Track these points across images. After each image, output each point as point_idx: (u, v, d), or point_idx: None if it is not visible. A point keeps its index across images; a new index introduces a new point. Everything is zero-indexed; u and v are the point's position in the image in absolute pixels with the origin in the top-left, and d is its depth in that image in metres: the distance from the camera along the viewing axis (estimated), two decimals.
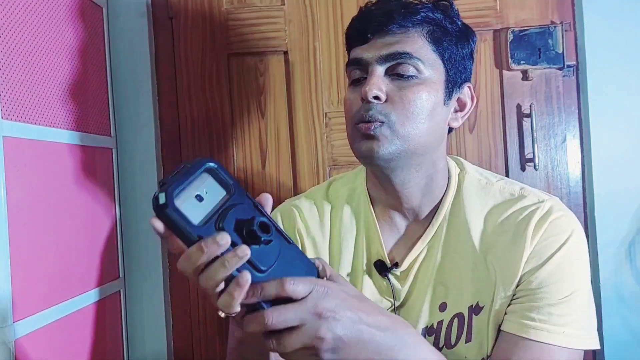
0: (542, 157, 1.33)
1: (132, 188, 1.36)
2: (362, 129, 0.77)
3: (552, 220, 0.77)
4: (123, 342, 1.33)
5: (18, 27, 0.98)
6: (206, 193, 0.54)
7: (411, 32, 0.78)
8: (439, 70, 0.78)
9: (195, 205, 0.53)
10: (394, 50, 0.77)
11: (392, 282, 0.82)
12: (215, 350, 1.39)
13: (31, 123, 1.01)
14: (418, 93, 0.76)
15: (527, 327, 0.73)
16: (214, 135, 1.38)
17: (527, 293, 0.76)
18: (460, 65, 0.81)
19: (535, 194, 0.81)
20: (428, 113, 0.76)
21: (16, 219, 0.93)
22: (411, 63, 0.76)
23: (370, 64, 0.78)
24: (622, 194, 1.28)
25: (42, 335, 0.99)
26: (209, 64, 1.38)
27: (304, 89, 1.36)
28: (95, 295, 1.20)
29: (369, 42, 0.79)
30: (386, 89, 0.76)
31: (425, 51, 0.77)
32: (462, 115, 0.83)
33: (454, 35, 0.80)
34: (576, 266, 0.76)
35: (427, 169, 0.81)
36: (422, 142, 0.77)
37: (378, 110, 0.76)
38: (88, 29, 1.24)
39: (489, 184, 0.84)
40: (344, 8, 1.36)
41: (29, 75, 1.01)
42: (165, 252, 1.39)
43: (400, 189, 0.81)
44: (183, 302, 1.40)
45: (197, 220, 0.52)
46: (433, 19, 0.79)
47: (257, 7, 1.37)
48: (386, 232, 0.85)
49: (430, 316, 0.80)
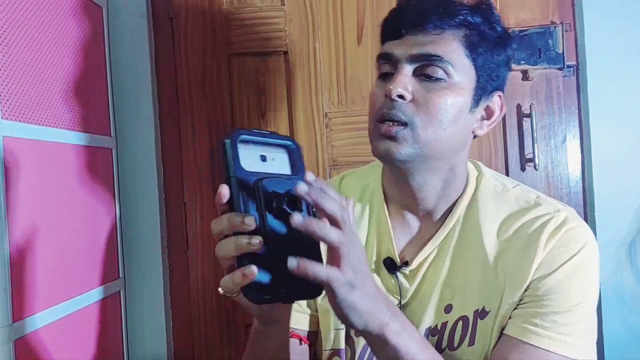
0: (542, 157, 1.33)
1: (132, 188, 1.36)
2: (382, 129, 0.76)
3: (567, 230, 0.76)
4: (123, 342, 1.33)
5: (18, 27, 0.98)
6: (272, 159, 0.57)
7: (446, 34, 0.75)
8: (469, 76, 0.76)
9: (255, 159, 0.56)
10: (425, 51, 0.75)
11: (400, 280, 0.82)
12: (215, 350, 1.39)
13: (31, 123, 1.00)
14: (444, 97, 0.74)
15: (529, 332, 0.73)
16: (214, 135, 1.38)
17: (533, 299, 0.75)
18: (493, 72, 0.78)
19: (551, 203, 0.80)
20: (452, 119, 0.75)
21: (16, 219, 0.93)
22: (441, 66, 0.74)
23: (400, 61, 0.76)
24: (622, 194, 1.28)
25: (42, 335, 0.99)
26: (209, 64, 1.38)
27: (304, 89, 1.36)
28: (95, 295, 1.20)
29: (401, 38, 0.77)
30: (412, 88, 0.75)
31: (457, 55, 0.75)
32: (489, 123, 0.81)
33: (491, 42, 0.78)
34: (586, 278, 0.75)
35: (445, 172, 0.80)
36: (441, 147, 0.76)
37: (402, 110, 0.74)
38: (88, 29, 1.24)
39: (505, 190, 0.83)
40: (344, 8, 1.36)
41: (29, 75, 1.01)
42: (166, 252, 1.39)
43: (416, 191, 0.80)
44: (183, 302, 1.40)
45: (246, 166, 0.54)
46: (471, 22, 0.76)
47: (257, 7, 1.37)
48: (397, 230, 0.84)
49: (435, 317, 0.80)
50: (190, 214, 1.39)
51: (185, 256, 1.40)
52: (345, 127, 1.36)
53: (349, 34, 1.36)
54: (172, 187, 1.40)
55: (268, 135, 0.57)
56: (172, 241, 1.40)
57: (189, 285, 1.39)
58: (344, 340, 0.83)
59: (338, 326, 0.83)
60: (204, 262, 1.39)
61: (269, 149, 0.57)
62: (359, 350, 0.82)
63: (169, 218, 1.39)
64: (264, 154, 0.56)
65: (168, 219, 1.39)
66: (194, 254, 1.39)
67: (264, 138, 0.57)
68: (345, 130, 1.36)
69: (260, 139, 0.56)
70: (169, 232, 1.40)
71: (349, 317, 0.57)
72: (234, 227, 0.51)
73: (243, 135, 0.55)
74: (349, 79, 1.36)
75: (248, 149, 0.55)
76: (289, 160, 0.58)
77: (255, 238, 0.51)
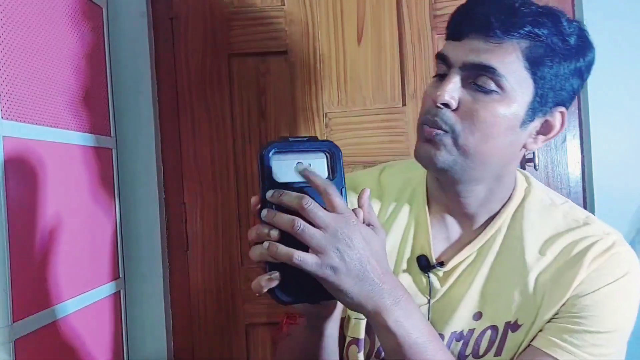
0: (542, 157, 1.33)
1: (132, 188, 1.36)
2: (425, 131, 0.74)
3: (613, 253, 0.74)
4: (123, 342, 1.33)
5: (18, 27, 0.98)
6: (309, 165, 0.60)
7: (506, 44, 0.70)
8: (525, 90, 0.72)
9: (290, 169, 0.60)
10: (479, 60, 0.70)
11: (431, 280, 0.80)
12: (215, 350, 1.39)
13: (31, 123, 1.00)
14: (491, 110, 0.71)
15: (556, 346, 0.72)
16: (214, 135, 1.38)
17: (568, 315, 0.74)
18: (557, 85, 0.73)
19: (600, 225, 0.78)
20: (497, 133, 0.71)
21: (16, 219, 0.93)
22: (494, 78, 0.70)
23: (453, 66, 0.73)
24: (622, 194, 1.28)
25: (42, 335, 0.99)
26: (209, 64, 1.38)
27: (304, 89, 1.36)
28: (95, 295, 1.20)
29: (460, 40, 0.73)
30: (460, 96, 0.72)
31: (514, 67, 0.70)
32: (544, 139, 0.77)
33: (559, 53, 0.72)
34: (625, 305, 0.74)
35: (490, 182, 0.77)
36: (484, 159, 0.73)
37: (444, 119, 0.72)
38: (88, 29, 1.24)
39: (552, 205, 0.81)
40: (344, 8, 1.36)
41: (29, 75, 1.01)
42: (166, 252, 1.39)
43: (459, 196, 0.79)
44: (183, 302, 1.40)
45: (281, 178, 0.59)
46: (537, 35, 0.70)
47: (257, 7, 1.38)
48: (435, 230, 0.82)
49: (462, 322, 0.79)
50: (190, 214, 1.39)
51: (185, 256, 1.40)
52: (345, 127, 1.36)
53: (349, 34, 1.36)
54: (172, 187, 1.40)
55: (304, 142, 0.60)
56: (172, 241, 1.40)
57: (189, 285, 1.39)
58: (363, 331, 0.82)
59: (358, 316, 0.81)
60: (204, 262, 1.39)
61: (306, 156, 0.60)
62: (378, 343, 0.82)
63: (169, 218, 1.39)
64: (300, 161, 0.60)
65: (168, 219, 1.39)
66: (194, 254, 1.39)
67: (299, 146, 0.60)
68: (345, 130, 1.36)
69: (295, 148, 0.60)
70: (169, 232, 1.40)
71: (337, 298, 0.61)
72: (261, 238, 0.58)
73: (276, 147, 0.59)
74: (349, 79, 1.36)
75: (283, 159, 0.59)
76: (327, 165, 0.61)
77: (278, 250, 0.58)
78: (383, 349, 0.66)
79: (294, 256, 0.57)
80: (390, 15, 1.35)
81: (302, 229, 0.57)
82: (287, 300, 0.60)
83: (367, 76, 1.35)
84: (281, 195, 0.58)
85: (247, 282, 1.38)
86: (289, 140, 0.60)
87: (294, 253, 0.57)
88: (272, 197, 0.58)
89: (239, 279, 1.38)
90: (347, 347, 0.84)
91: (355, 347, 0.83)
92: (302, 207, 0.57)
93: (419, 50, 1.34)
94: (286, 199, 0.58)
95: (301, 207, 0.57)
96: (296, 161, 0.60)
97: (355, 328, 0.83)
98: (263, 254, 0.58)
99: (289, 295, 0.60)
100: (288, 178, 0.59)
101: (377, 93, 1.35)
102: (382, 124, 1.35)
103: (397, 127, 1.35)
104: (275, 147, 0.59)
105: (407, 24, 1.35)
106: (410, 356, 0.62)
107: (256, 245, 0.59)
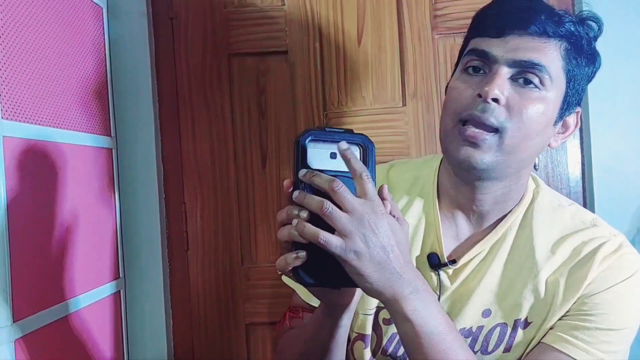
0: (542, 157, 1.33)
1: (132, 188, 1.36)
2: (467, 132, 0.72)
3: (622, 254, 0.76)
4: (123, 342, 1.33)
5: (18, 27, 0.98)
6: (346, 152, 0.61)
7: (551, 42, 0.72)
8: (560, 89, 0.74)
9: (325, 157, 0.61)
10: (529, 58, 0.71)
11: (441, 278, 0.81)
12: (215, 350, 1.39)
13: (31, 123, 1.00)
14: (537, 106, 0.72)
15: (567, 342, 0.73)
16: (214, 135, 1.38)
17: (578, 313, 0.75)
18: (580, 87, 0.76)
19: (607, 227, 0.81)
20: (539, 130, 0.73)
21: (16, 219, 0.93)
22: (540, 75, 0.72)
23: (498, 62, 0.73)
24: (622, 194, 1.28)
25: (42, 335, 0.99)
26: (209, 64, 1.38)
27: (304, 89, 1.36)
28: (95, 295, 1.20)
29: (502, 37, 0.73)
30: (507, 93, 0.72)
31: (555, 66, 0.73)
32: (562, 137, 0.80)
33: (586, 57, 0.76)
34: (633, 304, 0.76)
35: (510, 181, 0.78)
36: (522, 157, 0.75)
37: (495, 115, 0.71)
38: (88, 29, 1.24)
39: (560, 206, 0.83)
40: (344, 8, 1.36)
41: (29, 75, 1.01)
42: (165, 252, 1.39)
43: (476, 194, 0.79)
44: (183, 302, 1.40)
45: (314, 165, 0.61)
46: (575, 35, 0.73)
47: (257, 7, 1.38)
48: (444, 227, 0.83)
49: (471, 319, 0.80)
50: (190, 214, 1.39)
51: (185, 256, 1.40)
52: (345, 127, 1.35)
53: (349, 34, 1.36)
54: (172, 187, 1.40)
55: (340, 133, 0.62)
56: (172, 241, 1.40)
57: (189, 285, 1.39)
58: (370, 327, 0.83)
59: (366, 311, 0.83)
60: (204, 262, 1.39)
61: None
62: (385, 340, 0.82)
63: (169, 218, 1.39)
64: (334, 151, 0.61)
65: (168, 219, 1.39)
66: (194, 254, 1.39)
67: (335, 136, 0.62)
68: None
69: (331, 137, 0.61)
70: (169, 232, 1.40)
71: (357, 282, 0.61)
72: (290, 218, 0.60)
73: (312, 135, 0.61)
74: (349, 79, 1.36)
75: (318, 147, 0.61)
76: (360, 157, 0.63)
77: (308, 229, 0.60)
78: (400, 339, 0.66)
79: (319, 236, 0.58)
80: (390, 15, 1.35)
81: (330, 211, 0.58)
82: (310, 282, 0.61)
83: (367, 76, 1.35)
84: (313, 176, 0.60)
85: (247, 282, 1.38)
86: (325, 130, 0.62)
87: (319, 233, 0.58)
88: (305, 177, 0.60)
89: (239, 279, 1.38)
90: (353, 342, 0.85)
91: (362, 343, 0.84)
92: (333, 189, 0.59)
93: (419, 50, 1.34)
94: (317, 180, 0.60)
95: (332, 189, 0.59)
96: (330, 151, 0.61)
97: (362, 324, 0.83)
98: (292, 233, 0.59)
99: (311, 277, 0.61)
100: (322, 165, 0.61)
101: (377, 93, 1.35)
102: (382, 124, 1.35)
103: (397, 127, 1.35)
104: (312, 135, 0.61)
105: (407, 24, 1.35)
106: (427, 345, 0.63)
107: (285, 226, 0.61)
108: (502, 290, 0.79)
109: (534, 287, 0.78)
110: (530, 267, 0.79)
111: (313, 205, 0.59)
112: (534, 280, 0.78)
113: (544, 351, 0.75)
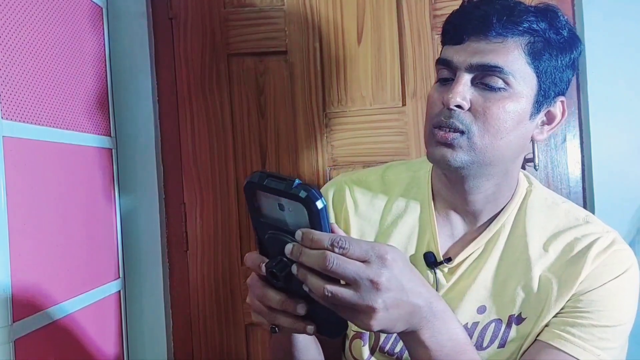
0: (542, 157, 1.33)
1: (132, 188, 1.36)
2: (438, 135, 0.75)
3: (615, 250, 0.77)
4: (123, 342, 1.33)
5: (18, 27, 0.98)
6: (290, 210, 0.55)
7: (509, 42, 0.73)
8: (530, 84, 0.75)
9: (274, 206, 0.56)
10: (485, 61, 0.73)
11: (437, 277, 0.82)
12: (215, 350, 1.39)
13: (31, 123, 1.01)
14: (503, 107, 0.73)
15: (564, 340, 0.74)
16: (214, 135, 1.38)
17: (574, 310, 0.76)
18: (556, 77, 0.76)
19: (600, 224, 0.81)
20: (510, 127, 0.74)
21: (16, 219, 0.93)
22: (501, 76, 0.73)
23: (459, 69, 0.75)
24: (622, 194, 1.28)
25: (42, 335, 0.99)
26: (209, 64, 1.38)
27: (304, 89, 1.36)
28: (95, 295, 1.20)
29: (462, 44, 0.75)
30: (471, 97, 0.74)
31: (519, 64, 0.73)
32: (549, 129, 0.80)
33: (556, 47, 0.75)
34: (628, 300, 0.76)
35: (499, 177, 0.79)
36: (498, 155, 0.75)
37: (459, 119, 0.74)
38: (88, 29, 1.24)
39: (554, 203, 0.84)
40: (344, 8, 1.36)
41: (29, 75, 1.01)
42: (165, 252, 1.39)
43: (467, 194, 0.80)
44: (183, 302, 1.40)
45: (264, 213, 0.57)
46: (536, 30, 0.74)
47: (257, 7, 1.38)
48: (439, 227, 0.84)
49: (466, 316, 0.80)
50: (190, 214, 1.39)
51: (185, 256, 1.40)
52: (345, 127, 1.36)
53: (349, 34, 1.36)
54: (172, 187, 1.40)
55: (285, 184, 0.54)
56: (172, 241, 1.40)
57: (189, 285, 1.39)
58: None
59: None
60: (204, 262, 1.39)
61: (288, 202, 0.54)
62: (382, 337, 0.83)
63: (169, 218, 1.40)
64: (282, 204, 0.55)
65: (168, 219, 1.39)
66: (194, 254, 1.39)
67: (289, 189, 0.53)
68: (345, 130, 1.36)
69: (284, 188, 0.53)
70: (169, 232, 1.40)
71: (367, 330, 0.59)
72: (254, 269, 0.59)
73: (257, 186, 0.55)
74: (349, 79, 1.36)
75: (267, 197, 0.55)
76: (306, 216, 0.54)
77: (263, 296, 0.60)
78: (411, 358, 0.66)
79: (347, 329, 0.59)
80: (390, 15, 1.35)
81: (334, 294, 0.55)
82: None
83: (367, 76, 1.35)
84: (300, 255, 0.55)
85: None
86: (270, 179, 0.55)
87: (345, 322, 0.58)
88: (292, 255, 0.55)
89: (238, 279, 1.38)
90: (352, 340, 0.85)
91: (360, 341, 0.84)
92: (327, 268, 0.54)
93: (419, 50, 1.34)
94: (306, 259, 0.55)
95: (324, 269, 0.54)
96: (277, 202, 0.55)
97: None
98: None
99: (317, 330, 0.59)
100: (273, 214, 0.56)
101: (377, 93, 1.35)
102: (382, 124, 1.35)
103: (397, 127, 1.35)
104: (257, 187, 0.55)
105: (407, 24, 1.35)
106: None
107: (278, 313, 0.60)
108: (497, 286, 0.80)
109: (527, 283, 0.78)
110: (524, 263, 0.79)
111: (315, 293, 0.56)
112: (527, 276, 0.79)
113: (541, 348, 0.75)
